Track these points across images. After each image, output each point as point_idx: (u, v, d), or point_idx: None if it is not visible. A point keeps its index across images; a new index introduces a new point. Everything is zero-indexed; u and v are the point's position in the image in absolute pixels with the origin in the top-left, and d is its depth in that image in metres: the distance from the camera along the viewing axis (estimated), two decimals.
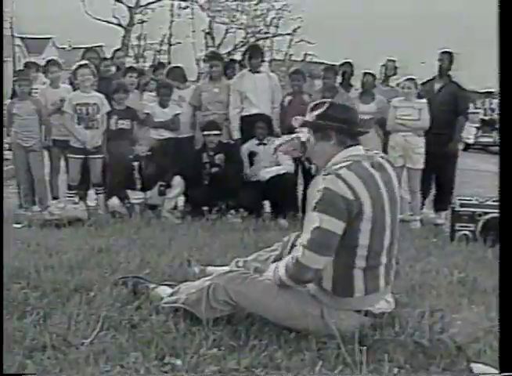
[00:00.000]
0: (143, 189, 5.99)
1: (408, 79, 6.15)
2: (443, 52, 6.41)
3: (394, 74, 6.89)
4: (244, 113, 6.30)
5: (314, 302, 2.68)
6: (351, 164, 2.59)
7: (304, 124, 2.85)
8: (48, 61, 6.51)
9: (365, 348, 2.50)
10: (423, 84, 6.35)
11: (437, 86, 6.33)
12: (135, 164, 5.97)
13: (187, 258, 3.90)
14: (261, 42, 22.23)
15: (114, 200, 5.90)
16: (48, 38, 40.73)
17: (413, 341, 2.65)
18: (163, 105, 6.30)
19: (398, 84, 6.61)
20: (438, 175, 6.40)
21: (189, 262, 3.76)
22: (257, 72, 6.32)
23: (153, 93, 6.46)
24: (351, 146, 2.70)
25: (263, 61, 6.50)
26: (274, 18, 22.58)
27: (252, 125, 6.10)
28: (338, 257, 2.59)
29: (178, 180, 5.99)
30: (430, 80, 6.43)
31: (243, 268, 3.23)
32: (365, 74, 6.50)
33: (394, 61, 6.98)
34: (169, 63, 18.85)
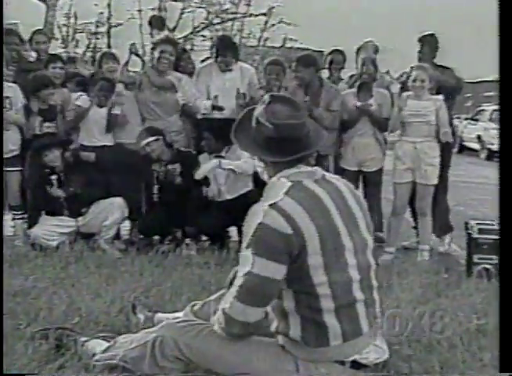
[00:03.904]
0: (72, 214, 5.94)
1: (420, 68, 6.02)
2: (424, 36, 6.47)
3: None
4: (203, 117, 6.32)
5: (286, 355, 2.69)
6: (290, 189, 2.66)
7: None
8: None
9: None
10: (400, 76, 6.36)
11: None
12: (53, 178, 5.90)
13: (130, 302, 3.87)
14: (228, 25, 22.32)
15: (37, 230, 5.82)
16: None
17: None
18: (100, 104, 6.28)
19: (401, 76, 6.58)
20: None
21: (132, 308, 3.74)
22: (228, 70, 6.36)
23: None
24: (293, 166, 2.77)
25: (237, 57, 6.49)
26: None
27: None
28: (300, 300, 2.64)
29: (118, 202, 5.96)
30: (420, 66, 6.13)
31: (200, 312, 3.22)
32: (364, 62, 6.41)
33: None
34: (109, 48, 18.79)
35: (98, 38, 20.81)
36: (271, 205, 2.61)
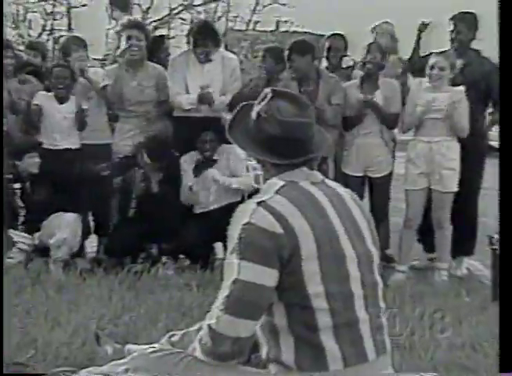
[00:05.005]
0: (29, 229, 5.92)
1: (440, 53, 5.99)
2: (461, 13, 6.35)
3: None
4: (181, 114, 6.32)
5: None
6: (283, 187, 2.68)
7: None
8: None
9: None
10: (425, 56, 6.23)
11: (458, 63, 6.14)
12: (17, 186, 5.91)
13: (95, 331, 3.86)
14: (212, 6, 22.34)
15: None
16: None
17: None
18: (59, 98, 6.26)
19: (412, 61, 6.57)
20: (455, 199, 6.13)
21: (97, 338, 3.74)
22: (208, 60, 6.34)
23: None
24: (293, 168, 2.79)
25: (218, 45, 6.48)
26: None
27: (193, 133, 6.10)
28: (293, 316, 2.63)
29: (67, 219, 5.86)
30: (442, 52, 6.18)
31: (179, 344, 3.21)
32: (369, 47, 6.31)
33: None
34: (69, 30, 18.75)
35: (56, 19, 20.55)
36: (259, 203, 2.62)
